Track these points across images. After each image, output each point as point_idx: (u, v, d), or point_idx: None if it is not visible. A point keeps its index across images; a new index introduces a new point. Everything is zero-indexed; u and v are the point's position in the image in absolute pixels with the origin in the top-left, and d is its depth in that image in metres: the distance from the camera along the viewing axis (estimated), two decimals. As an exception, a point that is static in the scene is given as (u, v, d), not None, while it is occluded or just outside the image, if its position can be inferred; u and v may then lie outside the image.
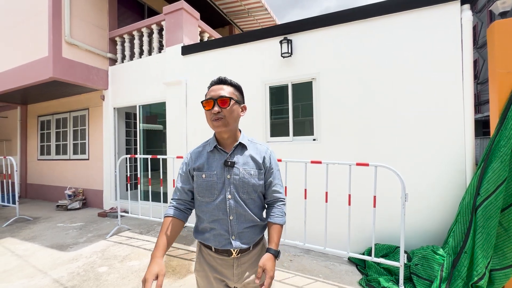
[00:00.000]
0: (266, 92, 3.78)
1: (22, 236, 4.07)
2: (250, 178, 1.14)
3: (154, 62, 4.99)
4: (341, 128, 3.26)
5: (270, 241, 1.16)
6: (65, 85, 5.28)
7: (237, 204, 1.13)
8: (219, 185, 1.14)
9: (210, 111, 1.11)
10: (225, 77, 1.19)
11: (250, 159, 1.18)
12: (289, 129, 3.63)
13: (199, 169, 1.18)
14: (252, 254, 1.20)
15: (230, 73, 4.04)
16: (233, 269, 1.16)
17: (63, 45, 4.78)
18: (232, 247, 1.12)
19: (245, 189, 1.14)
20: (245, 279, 1.18)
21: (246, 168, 1.15)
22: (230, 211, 1.13)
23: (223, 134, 1.17)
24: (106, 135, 5.67)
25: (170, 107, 4.60)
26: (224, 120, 1.11)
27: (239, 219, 1.14)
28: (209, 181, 1.14)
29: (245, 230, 1.15)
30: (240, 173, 1.14)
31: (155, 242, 3.62)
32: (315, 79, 3.47)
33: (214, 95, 1.12)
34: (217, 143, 1.20)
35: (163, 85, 4.76)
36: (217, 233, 1.14)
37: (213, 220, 1.14)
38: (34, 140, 7.24)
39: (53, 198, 6.57)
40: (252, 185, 1.15)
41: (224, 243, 1.13)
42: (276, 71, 3.69)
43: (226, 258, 1.15)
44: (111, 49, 5.69)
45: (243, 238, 1.14)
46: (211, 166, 1.16)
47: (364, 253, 2.90)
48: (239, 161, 1.16)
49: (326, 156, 3.29)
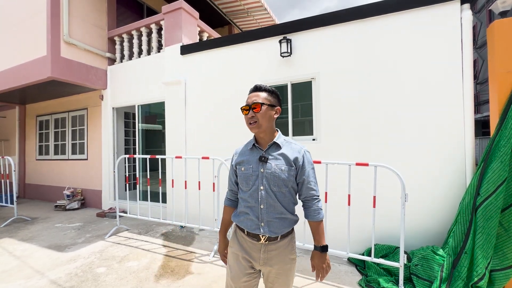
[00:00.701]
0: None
1: (20, 236, 4.05)
2: (281, 173, 1.26)
3: (153, 62, 4.97)
4: (341, 128, 3.25)
5: (314, 238, 1.34)
6: (63, 85, 5.25)
7: (268, 195, 1.28)
8: (254, 177, 1.30)
9: (247, 116, 1.30)
10: (260, 85, 1.34)
11: (282, 156, 1.30)
12: (288, 129, 3.62)
13: (239, 163, 1.37)
14: (279, 245, 1.30)
15: (229, 72, 4.03)
16: (260, 253, 1.30)
17: (61, 44, 4.75)
18: (260, 233, 1.27)
19: (276, 182, 1.27)
20: (269, 265, 1.30)
21: (278, 164, 1.28)
22: (261, 200, 1.28)
23: (259, 134, 1.34)
24: (105, 135, 5.64)
25: (169, 107, 4.58)
26: (258, 123, 1.27)
27: (269, 209, 1.28)
28: (246, 173, 1.32)
29: (274, 219, 1.28)
30: (272, 167, 1.27)
31: (153, 243, 3.59)
32: (314, 79, 3.46)
33: (249, 102, 1.29)
34: (255, 142, 1.37)
35: (162, 85, 4.75)
36: (249, 218, 1.30)
37: (248, 206, 1.31)
38: (32, 140, 7.21)
39: (52, 198, 6.54)
40: (283, 179, 1.27)
41: (254, 228, 1.29)
42: (276, 70, 3.68)
43: (255, 243, 1.30)
44: (110, 49, 5.67)
45: (272, 227, 1.27)
46: (249, 161, 1.33)
47: (364, 254, 2.89)
48: (272, 157, 1.30)
49: (325, 156, 3.28)
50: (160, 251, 3.39)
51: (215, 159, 3.31)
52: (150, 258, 3.20)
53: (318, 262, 1.29)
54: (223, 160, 3.22)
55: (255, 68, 3.82)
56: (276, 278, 1.32)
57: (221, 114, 4.07)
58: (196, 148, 4.30)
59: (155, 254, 3.29)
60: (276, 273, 1.31)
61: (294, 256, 1.35)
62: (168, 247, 3.51)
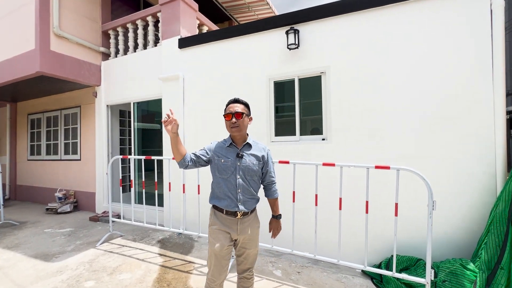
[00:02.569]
0: (271, 88, 3.48)
1: (4, 243, 3.75)
2: (253, 166, 1.71)
3: (150, 57, 4.67)
4: (354, 127, 2.97)
5: (272, 210, 1.94)
6: (54, 81, 4.95)
7: (243, 182, 1.69)
8: (232, 168, 1.68)
9: (230, 121, 1.69)
10: (238, 98, 1.76)
11: (253, 154, 1.74)
12: (295, 127, 3.34)
13: (219, 156, 1.72)
14: (250, 217, 1.76)
15: (231, 67, 3.74)
16: (237, 225, 1.70)
17: (51, 37, 4.45)
18: (238, 210, 1.68)
19: (249, 173, 1.71)
20: (243, 233, 1.72)
21: (251, 159, 1.71)
22: (238, 186, 1.69)
23: (237, 136, 1.74)
24: (98, 134, 5.34)
25: (166, 104, 4.29)
26: (239, 127, 1.69)
27: (244, 192, 1.70)
28: (226, 164, 1.70)
29: (248, 199, 1.72)
30: (247, 162, 1.70)
31: (149, 251, 3.30)
32: (324, 73, 3.17)
33: (232, 111, 1.70)
34: (231, 141, 1.76)
35: (159, 81, 4.45)
36: (230, 200, 1.68)
37: (228, 190, 1.69)
38: (24, 140, 6.89)
39: (43, 200, 6.23)
40: (254, 171, 1.72)
41: (233, 207, 1.68)
42: (282, 65, 3.39)
43: (233, 218, 1.70)
44: (104, 43, 5.37)
45: (246, 205, 1.70)
46: (228, 156, 1.71)
47: (381, 265, 2.61)
48: (246, 154, 1.72)
49: (337, 157, 3.00)
50: (156, 261, 3.10)
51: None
52: (145, 269, 2.91)
53: (275, 226, 1.93)
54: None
55: (260, 62, 3.53)
56: (249, 241, 1.75)
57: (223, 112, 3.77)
58: (196, 148, 3.99)
59: (150, 265, 3.00)
60: (249, 238, 1.74)
61: (258, 224, 1.86)
62: (165, 256, 3.22)
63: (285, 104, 3.49)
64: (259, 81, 3.52)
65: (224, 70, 3.79)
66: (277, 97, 3.50)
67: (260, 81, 3.52)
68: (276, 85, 3.49)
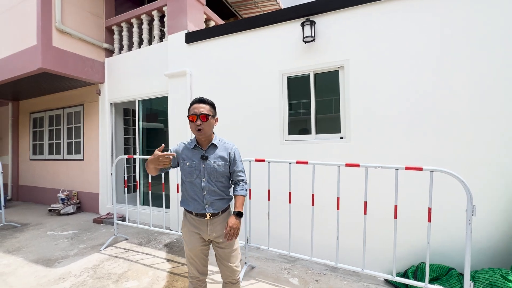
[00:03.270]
0: (284, 84, 3.28)
1: (5, 247, 3.59)
2: (218, 167, 1.66)
3: (155, 52, 4.50)
4: (376, 125, 2.77)
5: (235, 206, 1.69)
6: (57, 78, 4.79)
7: (209, 184, 1.65)
8: (197, 171, 1.65)
9: (194, 123, 1.61)
10: (203, 97, 1.68)
11: (219, 154, 1.69)
12: (311, 125, 3.15)
13: (184, 159, 1.69)
14: (220, 217, 1.71)
15: (241, 62, 3.55)
16: (207, 226, 1.68)
17: (53, 32, 4.29)
18: (206, 212, 1.65)
19: (214, 175, 1.66)
20: (215, 234, 1.68)
21: (216, 161, 1.66)
22: (204, 189, 1.65)
23: (202, 138, 1.69)
24: (102, 133, 5.18)
25: (172, 101, 4.11)
26: (203, 130, 1.63)
27: (210, 194, 1.66)
28: (191, 168, 1.66)
29: (215, 201, 1.67)
30: (211, 164, 1.65)
31: (156, 256, 3.12)
32: (342, 67, 2.98)
33: (197, 112, 1.61)
34: (196, 143, 1.71)
35: (164, 78, 4.27)
36: (196, 203, 1.66)
37: (194, 193, 1.66)
38: (26, 139, 6.76)
39: (46, 201, 6.09)
40: (219, 172, 1.67)
41: (200, 209, 1.66)
42: (296, 59, 3.20)
43: (202, 220, 1.68)
44: (107, 39, 5.20)
45: (214, 206, 1.66)
46: (192, 158, 1.67)
47: (408, 274, 2.41)
48: (211, 156, 1.67)
49: (356, 157, 2.81)
50: (163, 267, 2.92)
51: (227, 160, 2.84)
52: (152, 276, 2.73)
53: (235, 223, 1.61)
54: (237, 162, 2.75)
55: (272, 57, 3.33)
56: (223, 242, 1.69)
57: (232, 110, 3.60)
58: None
59: (158, 271, 2.83)
60: (222, 237, 1.69)
61: None
62: (173, 262, 3.04)
63: (299, 101, 3.29)
64: (272, 76, 3.33)
65: (234, 66, 3.61)
66: (290, 93, 3.30)
67: (273, 77, 3.32)
68: (290, 81, 3.29)
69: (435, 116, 2.54)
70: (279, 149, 3.25)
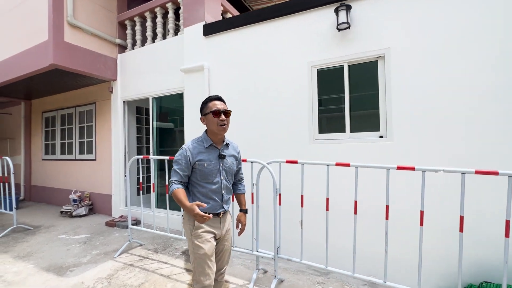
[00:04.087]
0: (313, 77, 2.98)
1: (16, 251, 3.41)
2: (233, 165, 1.75)
3: (170, 47, 4.26)
4: (424, 122, 2.44)
5: (241, 204, 1.91)
6: (68, 76, 4.61)
7: (226, 183, 1.70)
8: (216, 171, 1.65)
9: (218, 119, 1.61)
10: (220, 96, 1.69)
11: (232, 153, 1.76)
12: (344, 123, 2.83)
13: (200, 160, 1.61)
14: (228, 214, 1.82)
15: (264, 54, 3.26)
16: (220, 223, 1.72)
17: (65, 27, 4.10)
18: (223, 210, 1.70)
19: (231, 173, 1.74)
20: (225, 228, 1.75)
21: (231, 159, 1.73)
22: (223, 187, 1.68)
23: (221, 136, 1.68)
24: (114, 132, 4.98)
25: (188, 98, 3.86)
26: (226, 126, 1.65)
27: (227, 192, 1.72)
28: (210, 168, 1.63)
29: (229, 198, 1.77)
30: (228, 163, 1.71)
31: (174, 265, 2.86)
32: (382, 57, 2.65)
33: (220, 108, 1.62)
34: (212, 142, 1.67)
35: (180, 73, 4.03)
36: (215, 202, 1.65)
37: (213, 193, 1.65)
38: (38, 138, 6.66)
39: (58, 202, 5.96)
40: (234, 170, 1.77)
41: (219, 208, 1.68)
42: (328, 49, 2.88)
43: (216, 218, 1.68)
44: (120, 35, 5.01)
45: (227, 203, 1.75)
46: (210, 159, 1.63)
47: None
48: (227, 154, 1.71)
49: (399, 158, 2.48)
50: (183, 279, 2.66)
51: (254, 162, 2.56)
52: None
53: (244, 220, 1.87)
54: (265, 163, 2.46)
55: (300, 48, 3.03)
56: (227, 234, 1.78)
57: (254, 108, 3.31)
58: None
59: (178, 284, 2.57)
60: (228, 231, 1.78)
61: (231, 220, 1.88)
62: (193, 273, 2.78)
63: (330, 96, 2.98)
64: (299, 69, 3.03)
65: (255, 59, 3.32)
66: (320, 88, 2.99)
67: (300, 70, 3.02)
68: (320, 74, 2.98)
69: (498, 112, 2.18)
70: (308, 150, 2.95)
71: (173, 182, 1.60)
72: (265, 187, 2.71)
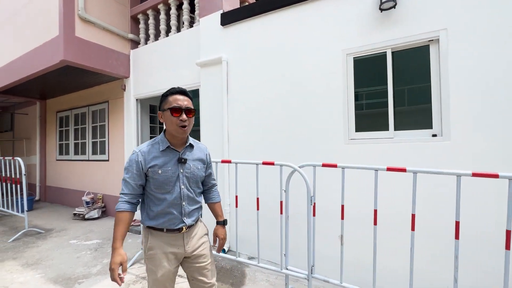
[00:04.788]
0: (349, 67, 2.58)
1: (25, 258, 3.22)
2: (197, 171, 1.45)
3: (184, 40, 3.97)
4: (490, 118, 2.00)
5: (218, 215, 1.62)
6: (80, 73, 4.43)
7: (188, 192, 1.41)
8: (174, 178, 1.36)
9: (178, 118, 1.31)
10: (183, 88, 1.39)
11: (197, 156, 1.47)
12: (387, 120, 2.42)
13: (154, 166, 1.33)
14: (196, 228, 1.49)
15: (290, 43, 2.90)
16: (183, 240, 1.40)
17: (76, 21, 3.90)
18: (185, 225, 1.38)
19: (194, 179, 1.43)
20: (191, 248, 1.42)
21: (195, 163, 1.44)
22: (183, 198, 1.38)
23: (180, 137, 1.38)
24: (127, 132, 4.77)
25: (205, 94, 3.55)
26: (188, 127, 1.35)
27: (189, 203, 1.42)
28: (165, 175, 1.34)
29: (193, 210, 1.44)
30: (191, 168, 1.42)
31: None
32: (435, 40, 2.22)
33: (182, 105, 1.32)
34: (169, 143, 1.37)
35: (195, 68, 3.73)
36: (172, 217, 1.36)
37: (170, 206, 1.35)
38: (52, 138, 6.59)
39: (72, 203, 5.84)
40: (200, 177, 1.47)
41: (178, 223, 1.37)
42: (366, 34, 2.48)
43: (177, 234, 1.39)
44: (133, 29, 4.78)
45: (192, 217, 1.43)
46: (166, 164, 1.35)
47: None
48: (189, 158, 1.42)
49: (456, 161, 2.06)
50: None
51: (283, 165, 2.20)
52: (189, 311, 2.16)
53: (222, 233, 1.60)
54: (296, 166, 2.10)
55: (333, 34, 2.64)
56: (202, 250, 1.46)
57: (277, 104, 2.95)
58: (241, 148, 3.22)
59: (196, 304, 2.25)
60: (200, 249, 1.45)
61: (206, 231, 1.58)
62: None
63: (369, 89, 2.58)
64: (332, 59, 2.64)
65: (280, 50, 2.96)
66: (356, 80, 2.59)
67: (334, 59, 2.63)
68: (356, 64, 2.58)
69: None
70: (343, 150, 2.56)
71: (121, 198, 1.34)
72: (295, 194, 2.35)
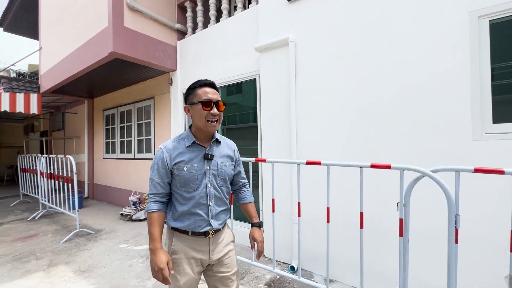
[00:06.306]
0: (482, 34, 1.87)
1: (77, 262, 3.02)
2: (226, 168, 1.31)
3: (238, 25, 3.52)
4: None
5: (252, 217, 1.44)
6: (127, 67, 4.24)
7: (215, 191, 1.27)
8: (200, 176, 1.23)
9: (209, 112, 1.19)
10: (213, 82, 1.27)
11: (224, 152, 1.33)
12: (484, 111, 1.68)
13: (179, 163, 1.22)
14: (222, 234, 1.33)
15: (388, 10, 2.25)
16: (209, 246, 1.26)
17: (124, 10, 3.66)
18: (211, 228, 1.24)
19: (222, 178, 1.29)
20: (219, 254, 1.28)
21: (222, 160, 1.30)
22: (210, 198, 1.25)
23: (208, 133, 1.26)
24: (174, 129, 4.48)
25: (266, 84, 3.05)
26: (218, 122, 1.25)
27: (217, 204, 1.28)
28: (191, 173, 1.22)
29: (220, 212, 1.29)
30: (218, 165, 1.28)
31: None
32: None
33: (212, 98, 1.20)
34: (195, 139, 1.26)
35: (251, 55, 3.26)
36: (198, 219, 1.22)
37: (195, 206, 1.22)
38: (100, 137, 6.65)
39: (118, 202, 5.79)
40: (228, 174, 1.33)
41: (204, 226, 1.23)
42: (514, -16, 1.76)
43: (203, 239, 1.25)
44: (179, 19, 4.47)
45: (219, 220, 1.28)
46: (191, 160, 1.23)
47: None
48: (216, 154, 1.29)
49: None
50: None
51: (404, 169, 1.59)
52: None
53: (260, 235, 1.39)
54: (428, 171, 1.47)
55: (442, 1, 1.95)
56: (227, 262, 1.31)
57: (370, 90, 2.33)
58: (314, 147, 2.65)
59: None
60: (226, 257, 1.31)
61: (233, 238, 1.41)
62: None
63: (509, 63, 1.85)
64: (453, 24, 1.95)
65: (371, 21, 2.33)
66: (493, 52, 1.87)
67: (455, 25, 1.94)
68: (494, 29, 1.86)
69: None
70: (473, 148, 1.87)
71: (150, 198, 1.25)
72: (415, 209, 1.72)
